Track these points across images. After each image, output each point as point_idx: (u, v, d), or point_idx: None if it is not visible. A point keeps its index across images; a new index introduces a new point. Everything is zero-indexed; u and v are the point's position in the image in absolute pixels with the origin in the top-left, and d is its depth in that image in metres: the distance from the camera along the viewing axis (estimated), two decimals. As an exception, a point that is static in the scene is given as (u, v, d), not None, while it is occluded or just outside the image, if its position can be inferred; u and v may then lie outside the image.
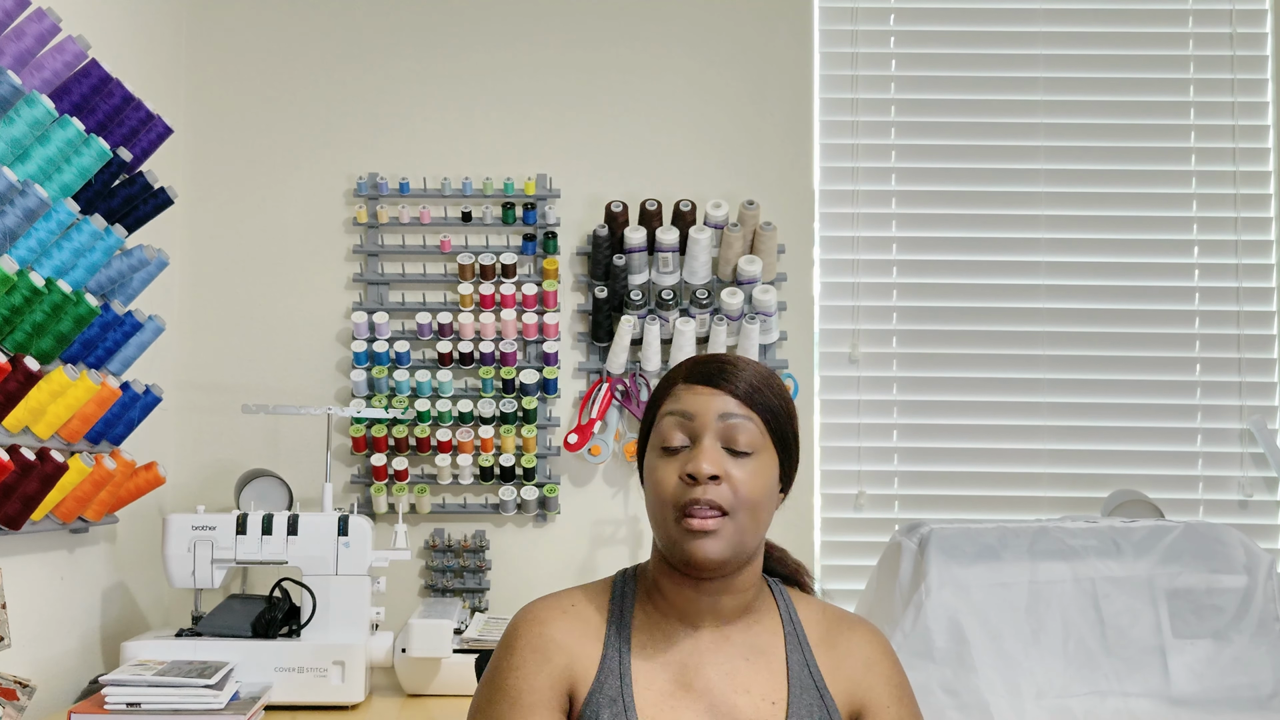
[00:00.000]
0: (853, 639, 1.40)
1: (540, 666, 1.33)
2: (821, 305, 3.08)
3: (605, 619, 1.37)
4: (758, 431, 1.33)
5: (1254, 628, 2.40)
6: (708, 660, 1.34)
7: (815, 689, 1.34)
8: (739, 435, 1.32)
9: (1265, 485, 3.07)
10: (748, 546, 1.33)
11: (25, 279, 1.96)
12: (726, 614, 1.37)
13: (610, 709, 1.30)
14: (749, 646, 1.36)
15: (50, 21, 2.00)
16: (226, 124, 3.04)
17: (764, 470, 1.33)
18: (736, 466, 1.31)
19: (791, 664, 1.36)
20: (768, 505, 1.35)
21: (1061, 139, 3.13)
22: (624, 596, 1.40)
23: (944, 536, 2.42)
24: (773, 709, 1.32)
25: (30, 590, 2.22)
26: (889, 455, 3.07)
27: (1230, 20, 3.17)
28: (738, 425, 1.32)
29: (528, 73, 3.07)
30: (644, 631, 1.36)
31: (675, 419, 1.34)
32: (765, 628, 1.39)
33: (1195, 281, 3.12)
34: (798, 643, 1.38)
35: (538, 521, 2.99)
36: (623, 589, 1.41)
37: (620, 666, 1.33)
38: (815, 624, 1.41)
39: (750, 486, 1.31)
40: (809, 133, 3.10)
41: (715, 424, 1.32)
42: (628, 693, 1.31)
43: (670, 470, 1.33)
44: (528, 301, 2.94)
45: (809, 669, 1.36)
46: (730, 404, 1.33)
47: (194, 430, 2.97)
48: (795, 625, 1.40)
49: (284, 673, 2.37)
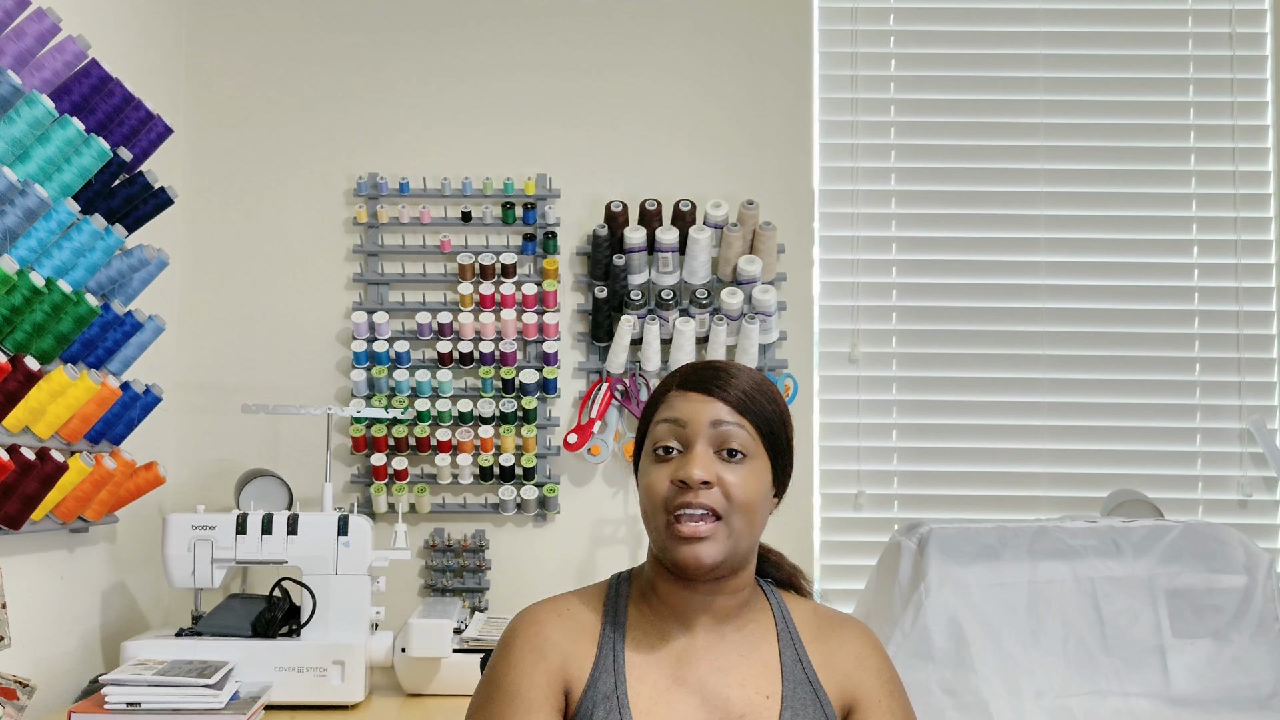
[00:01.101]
0: (843, 635, 1.43)
1: (536, 664, 1.35)
2: (821, 305, 3.08)
3: (600, 619, 1.39)
4: (749, 438, 1.35)
5: (1254, 627, 2.40)
6: (701, 657, 1.36)
7: (809, 683, 1.36)
8: (731, 441, 1.34)
9: (1265, 485, 3.07)
10: (740, 550, 1.35)
11: (25, 279, 1.96)
12: (721, 613, 1.38)
13: (604, 705, 1.31)
14: (743, 644, 1.38)
15: (50, 21, 2.00)
16: (226, 124, 3.04)
17: (756, 475, 1.35)
18: (729, 471, 1.33)
19: (785, 659, 1.37)
20: (761, 509, 1.36)
21: (1061, 139, 3.14)
22: (619, 598, 1.42)
23: (943, 536, 2.42)
24: (767, 703, 1.34)
25: (30, 590, 2.22)
26: (888, 455, 3.07)
27: (1230, 20, 3.17)
28: (729, 432, 1.34)
29: (528, 73, 3.07)
30: (638, 630, 1.38)
31: (668, 425, 1.36)
32: (759, 625, 1.41)
33: (1195, 281, 3.12)
34: (790, 639, 1.40)
35: (537, 521, 3.00)
36: (617, 590, 1.43)
37: (615, 664, 1.35)
38: (807, 621, 1.43)
39: (742, 490, 1.33)
40: (809, 133, 3.10)
41: (707, 430, 1.34)
42: (621, 689, 1.33)
43: (662, 475, 1.34)
44: (528, 301, 2.94)
45: (802, 664, 1.38)
46: (722, 410, 1.35)
47: (194, 430, 2.97)
48: (788, 623, 1.42)
49: (284, 672, 2.37)
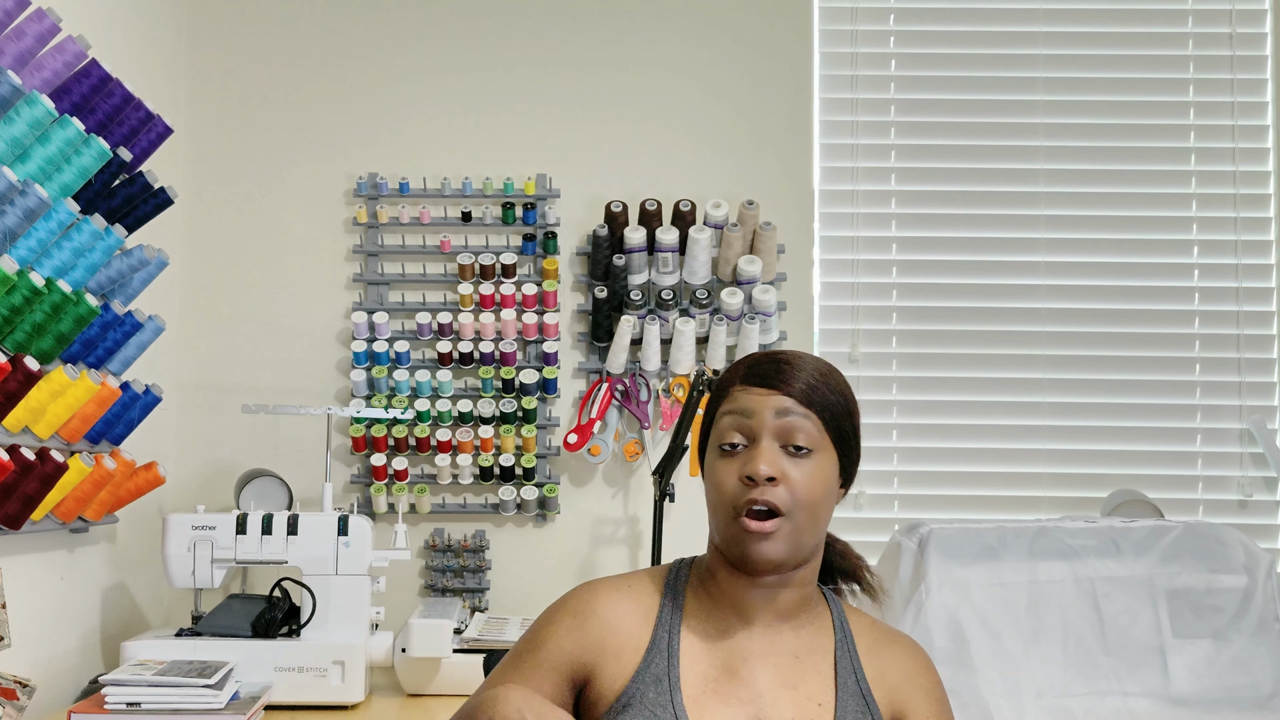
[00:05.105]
0: (896, 650, 1.41)
1: (571, 631, 1.35)
2: (821, 305, 3.08)
3: (659, 602, 1.38)
4: (815, 430, 1.33)
5: (1253, 627, 2.40)
6: (757, 653, 1.35)
7: (861, 696, 1.35)
8: (796, 434, 1.32)
9: (1265, 485, 3.07)
10: (805, 546, 1.33)
11: (25, 279, 1.96)
12: (781, 611, 1.37)
13: (655, 687, 1.30)
14: (800, 646, 1.37)
15: (50, 21, 2.00)
16: (226, 124, 3.04)
17: (822, 469, 1.33)
18: (794, 467, 1.31)
19: (840, 669, 1.36)
20: (826, 504, 1.34)
21: (1061, 139, 3.13)
22: (679, 582, 1.40)
23: (944, 536, 2.42)
24: (819, 710, 1.32)
25: (30, 590, 2.22)
26: (889, 455, 3.07)
27: (1230, 20, 3.17)
28: (794, 424, 1.32)
29: (528, 72, 3.07)
30: (696, 618, 1.37)
31: (733, 419, 1.34)
32: (817, 630, 1.39)
33: (1195, 281, 3.11)
34: (847, 649, 1.38)
35: (537, 521, 3.00)
36: (677, 575, 1.41)
37: (669, 647, 1.34)
38: (864, 634, 1.41)
39: (808, 487, 1.31)
40: (809, 133, 3.10)
41: (772, 423, 1.32)
42: (674, 672, 1.32)
43: (729, 470, 1.33)
44: (528, 301, 2.94)
45: (856, 676, 1.36)
46: (787, 403, 1.32)
47: (194, 430, 2.97)
48: (846, 633, 1.40)
49: (284, 672, 2.37)
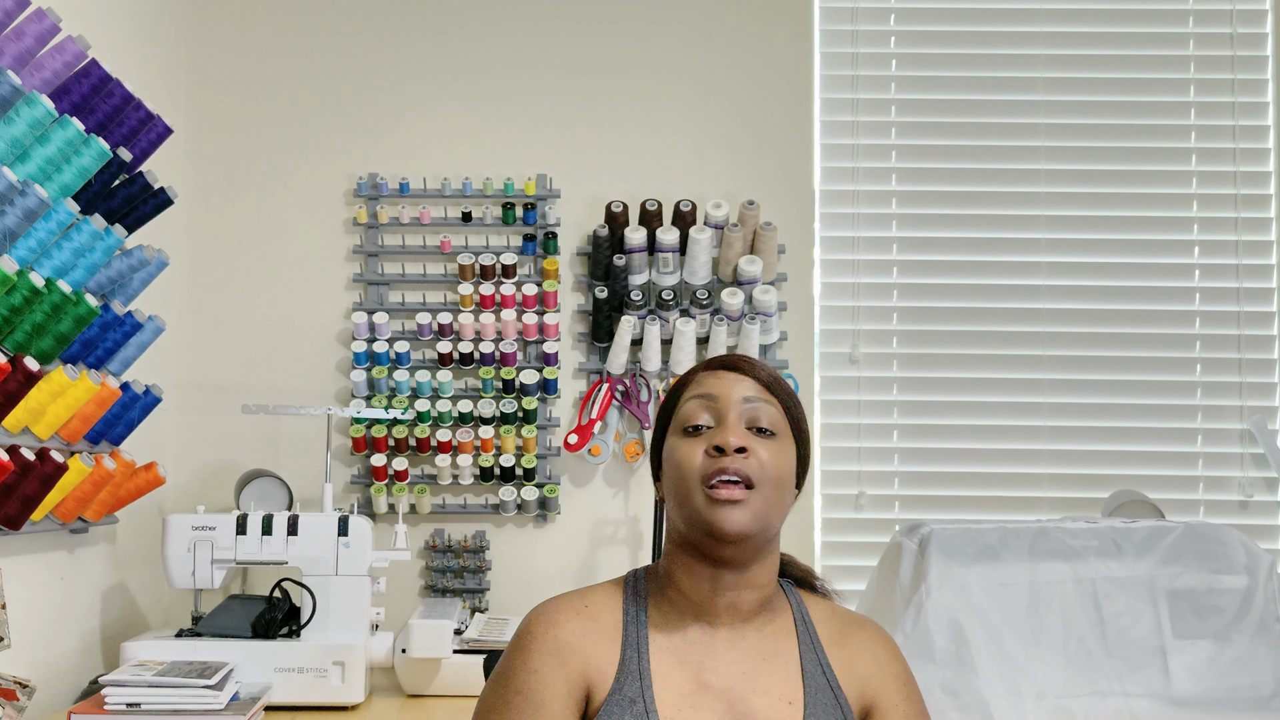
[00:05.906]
0: (862, 638, 1.41)
1: (557, 671, 1.31)
2: (822, 305, 3.08)
3: (620, 619, 1.37)
4: (779, 416, 1.36)
5: (1254, 628, 2.40)
6: (723, 659, 1.34)
7: (829, 689, 1.35)
8: (761, 416, 1.35)
9: (1265, 485, 3.07)
10: (771, 524, 1.34)
11: (25, 279, 1.95)
12: (744, 611, 1.37)
13: (630, 710, 1.29)
14: (764, 646, 1.36)
15: (50, 21, 2.00)
16: (226, 124, 3.04)
17: (785, 453, 1.36)
18: (761, 445, 1.33)
19: (805, 664, 1.36)
20: (788, 488, 1.36)
21: (1062, 139, 3.13)
22: (637, 595, 1.39)
23: (944, 537, 2.41)
24: (790, 709, 1.32)
25: (30, 590, 2.22)
26: (889, 455, 3.07)
27: (1230, 20, 3.17)
28: (760, 407, 1.35)
29: (528, 73, 3.07)
30: (660, 631, 1.36)
31: (699, 401, 1.36)
32: (779, 627, 1.39)
33: (1195, 282, 3.11)
34: (811, 643, 1.38)
35: (538, 522, 2.99)
36: (634, 588, 1.40)
37: (639, 667, 1.32)
38: (826, 623, 1.41)
39: (775, 463, 1.33)
40: (809, 133, 3.10)
41: (739, 405, 1.35)
42: (648, 694, 1.30)
43: (695, 447, 1.34)
44: (528, 302, 2.94)
45: (822, 669, 1.36)
46: (753, 387, 1.37)
47: (194, 430, 2.97)
48: (808, 625, 1.40)
49: (284, 673, 2.37)
